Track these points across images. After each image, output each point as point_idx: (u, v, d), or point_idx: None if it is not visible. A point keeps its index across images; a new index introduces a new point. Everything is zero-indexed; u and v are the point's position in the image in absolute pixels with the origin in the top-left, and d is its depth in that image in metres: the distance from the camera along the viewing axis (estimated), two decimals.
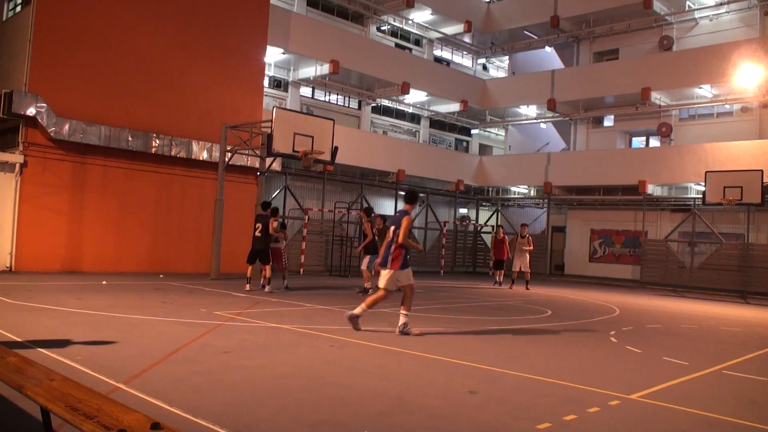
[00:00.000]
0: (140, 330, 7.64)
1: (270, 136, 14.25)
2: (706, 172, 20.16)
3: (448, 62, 30.35)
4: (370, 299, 8.38)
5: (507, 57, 32.50)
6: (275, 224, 13.31)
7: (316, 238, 21.13)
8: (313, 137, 14.77)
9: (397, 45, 27.54)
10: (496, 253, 19.07)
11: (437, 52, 29.67)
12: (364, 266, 13.55)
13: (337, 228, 21.71)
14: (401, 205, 10.20)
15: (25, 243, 14.48)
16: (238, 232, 17.07)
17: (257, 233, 13.08)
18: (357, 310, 8.35)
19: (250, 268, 13.23)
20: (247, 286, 13.05)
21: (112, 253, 15.85)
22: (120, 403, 3.00)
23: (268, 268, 13.16)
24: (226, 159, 16.18)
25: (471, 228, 28.83)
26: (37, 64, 14.60)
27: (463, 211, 30.17)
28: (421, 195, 27.26)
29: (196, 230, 17.21)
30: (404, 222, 8.33)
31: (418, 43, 28.77)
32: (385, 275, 8.38)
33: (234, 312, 9.59)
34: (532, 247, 18.16)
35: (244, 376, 5.53)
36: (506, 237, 19.20)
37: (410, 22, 27.28)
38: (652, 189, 23.64)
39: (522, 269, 17.99)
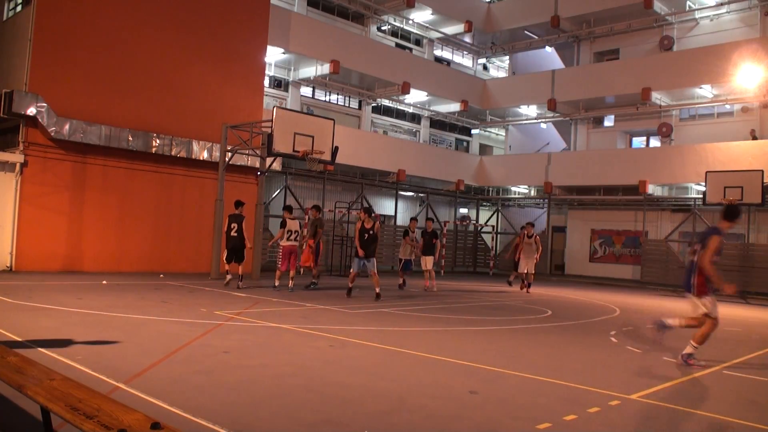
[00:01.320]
0: (140, 330, 7.64)
1: (270, 136, 14.25)
2: (706, 172, 20.17)
3: (448, 62, 30.34)
4: (701, 333, 7.04)
5: (507, 57, 32.49)
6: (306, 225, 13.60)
7: None
8: (313, 137, 14.78)
9: (397, 45, 27.53)
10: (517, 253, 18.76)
11: (437, 52, 29.66)
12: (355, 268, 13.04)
13: (337, 228, 21.70)
14: (402, 206, 9.88)
15: (25, 243, 14.49)
16: None
17: (233, 233, 13.30)
18: (671, 321, 7.38)
19: (227, 266, 13.50)
20: (240, 284, 13.26)
21: (112, 253, 15.85)
22: (120, 402, 3.01)
23: (240, 267, 13.43)
24: (227, 159, 16.19)
25: (471, 228, 28.83)
26: (37, 64, 14.61)
27: (463, 211, 30.17)
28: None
29: (197, 230, 17.21)
30: (711, 242, 6.86)
31: (418, 43, 28.76)
32: (700, 302, 7.01)
33: (234, 312, 9.59)
34: (540, 250, 17.47)
35: (244, 376, 5.53)
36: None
37: (410, 22, 27.28)
38: (652, 189, 23.63)
39: (528, 271, 17.56)
